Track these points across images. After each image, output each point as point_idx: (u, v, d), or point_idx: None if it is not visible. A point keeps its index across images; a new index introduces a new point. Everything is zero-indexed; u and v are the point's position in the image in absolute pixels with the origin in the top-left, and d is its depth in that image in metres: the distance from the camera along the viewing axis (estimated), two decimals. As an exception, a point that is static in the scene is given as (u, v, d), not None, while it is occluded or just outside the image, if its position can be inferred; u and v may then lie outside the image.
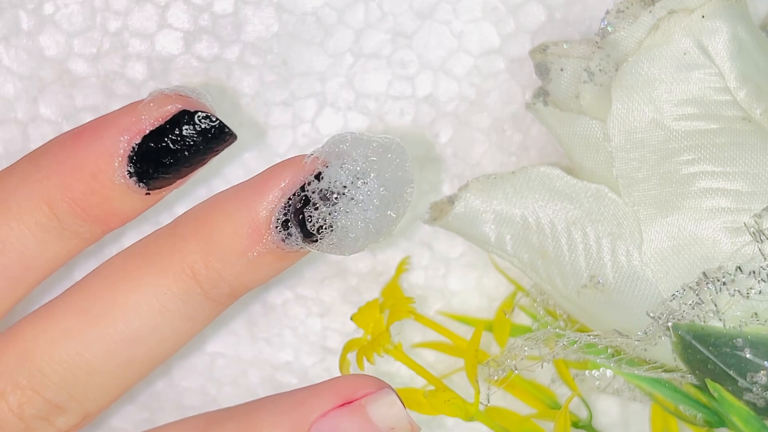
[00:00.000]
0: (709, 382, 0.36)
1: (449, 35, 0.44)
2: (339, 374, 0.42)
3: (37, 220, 0.35)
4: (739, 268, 0.35)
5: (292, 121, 0.44)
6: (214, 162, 0.44)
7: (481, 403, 0.41)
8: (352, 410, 0.32)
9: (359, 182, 0.34)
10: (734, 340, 0.35)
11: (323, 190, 0.34)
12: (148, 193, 0.36)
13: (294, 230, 0.34)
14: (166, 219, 0.44)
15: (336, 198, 0.34)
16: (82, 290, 0.36)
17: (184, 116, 0.35)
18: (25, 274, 0.37)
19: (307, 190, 0.34)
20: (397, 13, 0.43)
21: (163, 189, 0.36)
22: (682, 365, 0.37)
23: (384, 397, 0.32)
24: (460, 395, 0.41)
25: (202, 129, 0.35)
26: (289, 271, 0.44)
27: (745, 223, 0.35)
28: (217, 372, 0.45)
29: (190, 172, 0.36)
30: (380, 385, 0.33)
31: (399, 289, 0.43)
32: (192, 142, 0.35)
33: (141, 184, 0.35)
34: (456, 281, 0.45)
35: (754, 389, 0.36)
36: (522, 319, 0.43)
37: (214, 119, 0.35)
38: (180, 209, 0.44)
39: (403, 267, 0.44)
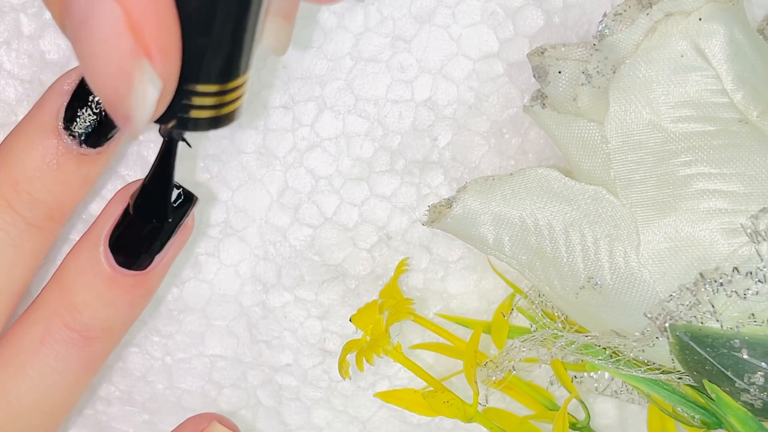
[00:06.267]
0: (706, 383, 0.36)
1: (448, 39, 0.44)
2: (339, 375, 0.42)
3: (5, 221, 0.37)
4: (736, 269, 0.35)
5: (291, 125, 0.44)
6: (214, 164, 0.44)
7: (480, 404, 0.41)
8: None
9: None
10: (731, 341, 0.35)
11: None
12: (87, 152, 0.37)
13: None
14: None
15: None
16: None
17: None
18: (10, 284, 0.38)
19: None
20: (396, 17, 0.43)
21: (100, 147, 0.37)
22: (679, 366, 0.37)
23: (213, 428, 0.40)
24: (458, 396, 0.41)
25: None
26: (289, 273, 0.45)
27: (741, 224, 0.35)
28: (217, 374, 0.45)
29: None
30: (209, 419, 0.40)
31: (398, 289, 0.43)
32: None
33: (74, 137, 0.37)
34: (455, 284, 0.45)
35: (752, 390, 0.36)
36: (520, 320, 0.43)
37: None
38: (180, 212, 0.44)
39: (401, 268, 0.44)
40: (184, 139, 0.33)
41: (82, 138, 0.37)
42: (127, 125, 0.28)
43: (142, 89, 0.28)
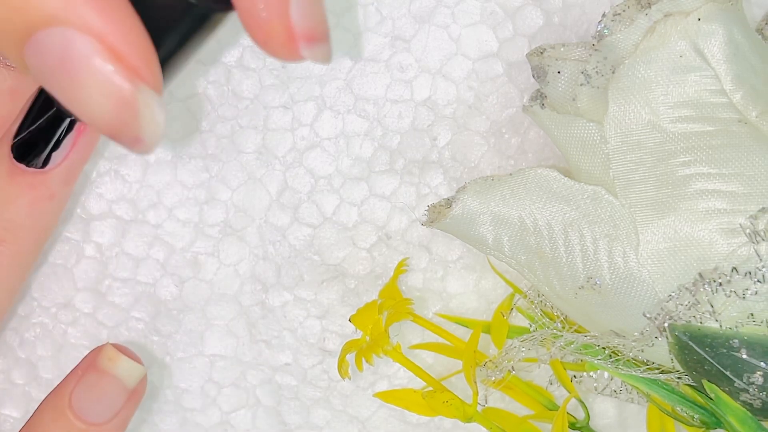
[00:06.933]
0: (705, 383, 0.36)
1: (448, 39, 0.44)
2: (338, 375, 0.42)
3: None
4: (735, 269, 0.35)
5: (291, 124, 0.44)
6: (214, 164, 0.44)
7: (479, 404, 0.41)
8: (92, 369, 0.39)
9: None
10: (730, 341, 0.35)
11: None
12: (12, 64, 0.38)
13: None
14: (168, 224, 0.44)
15: None
16: None
17: None
18: None
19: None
20: (395, 17, 0.43)
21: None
22: (678, 366, 0.37)
23: (104, 352, 0.39)
24: (458, 396, 0.41)
25: None
26: (288, 273, 0.45)
27: (740, 224, 0.35)
28: (216, 374, 0.45)
29: None
30: (102, 347, 0.40)
31: (397, 289, 0.43)
32: None
33: None
34: (454, 283, 0.45)
35: (751, 390, 0.36)
36: (519, 320, 0.43)
37: None
38: (180, 213, 0.44)
39: (401, 268, 0.44)
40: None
41: None
42: (139, 146, 0.28)
43: (149, 112, 0.27)
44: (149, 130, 0.28)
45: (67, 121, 0.37)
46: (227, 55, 0.44)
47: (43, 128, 0.37)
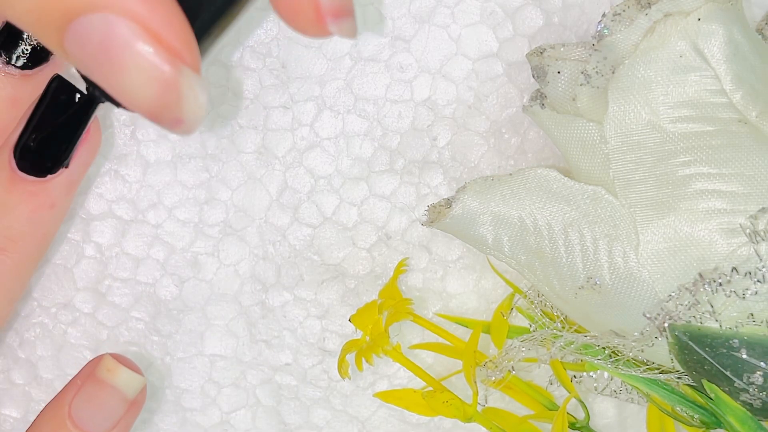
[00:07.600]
0: (705, 383, 0.36)
1: (447, 39, 0.44)
2: (338, 375, 0.42)
3: None
4: (735, 269, 0.35)
5: (291, 124, 0.44)
6: (214, 164, 0.44)
7: (479, 404, 0.41)
8: (90, 380, 0.39)
9: None
10: (730, 341, 0.35)
11: None
12: (12, 72, 0.38)
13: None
14: (168, 224, 0.44)
15: None
16: None
17: None
18: None
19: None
20: (395, 17, 0.43)
21: (28, 71, 0.38)
22: (678, 366, 0.37)
23: (103, 362, 0.39)
24: (458, 396, 0.41)
25: None
26: (288, 273, 0.45)
27: (740, 225, 0.35)
28: (216, 374, 0.45)
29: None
30: (101, 357, 0.39)
31: (397, 290, 0.43)
32: None
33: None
34: (454, 283, 0.45)
35: (751, 390, 0.36)
36: (519, 320, 0.43)
37: None
38: (180, 213, 0.44)
39: (401, 269, 0.44)
40: (111, 100, 0.32)
41: (9, 59, 0.37)
42: (180, 127, 0.28)
43: (192, 93, 0.27)
44: (192, 111, 0.28)
45: (88, 122, 0.37)
46: (227, 55, 0.44)
47: (61, 134, 0.37)
